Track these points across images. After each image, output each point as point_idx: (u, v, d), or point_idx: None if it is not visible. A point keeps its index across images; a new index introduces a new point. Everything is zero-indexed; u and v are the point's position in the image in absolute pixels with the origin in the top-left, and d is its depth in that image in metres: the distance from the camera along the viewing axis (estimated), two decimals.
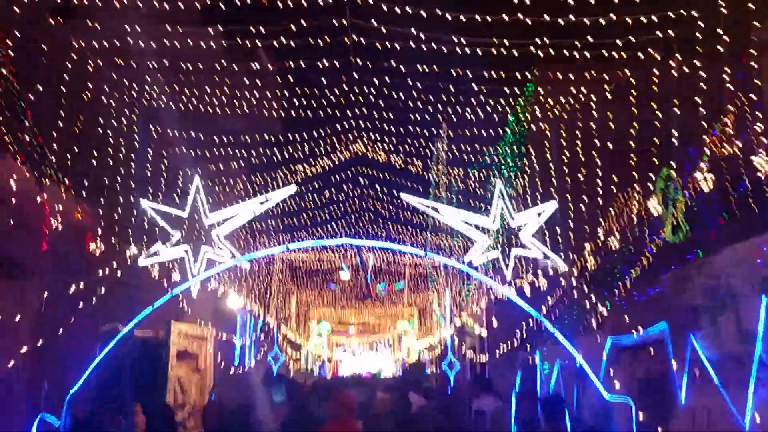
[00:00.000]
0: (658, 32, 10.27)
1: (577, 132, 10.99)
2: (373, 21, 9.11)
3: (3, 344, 8.40)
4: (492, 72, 10.37)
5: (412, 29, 9.72)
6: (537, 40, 9.96)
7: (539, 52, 10.39)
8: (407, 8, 8.73)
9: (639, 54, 10.85)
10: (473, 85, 10.38)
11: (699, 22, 10.01)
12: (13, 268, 8.52)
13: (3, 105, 8.58)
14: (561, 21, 9.05)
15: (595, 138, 11.07)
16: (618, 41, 10.46)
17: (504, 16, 8.70)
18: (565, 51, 10.30)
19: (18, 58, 8.58)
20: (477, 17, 8.73)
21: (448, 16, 8.64)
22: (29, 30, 9.46)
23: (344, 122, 11.40)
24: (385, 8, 8.70)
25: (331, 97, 10.82)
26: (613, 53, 10.71)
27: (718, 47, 9.53)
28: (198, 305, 16.11)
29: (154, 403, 14.03)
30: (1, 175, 8.33)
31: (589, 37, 9.90)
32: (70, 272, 9.32)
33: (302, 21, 9.01)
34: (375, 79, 11.01)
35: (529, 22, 8.95)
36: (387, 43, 9.73)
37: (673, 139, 10.78)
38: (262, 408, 10.17)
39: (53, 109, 9.85)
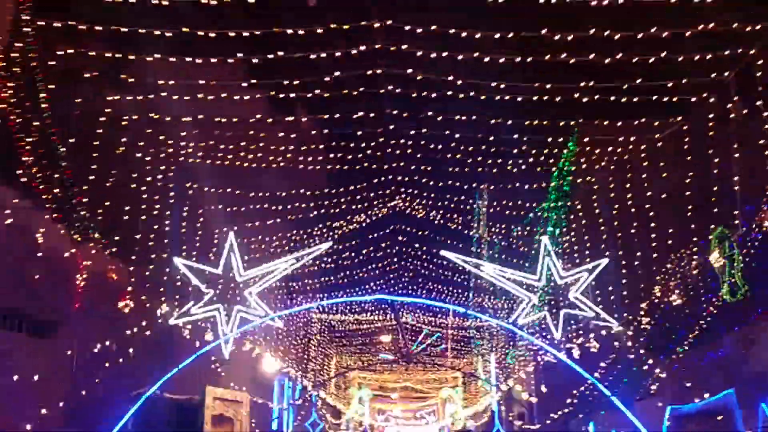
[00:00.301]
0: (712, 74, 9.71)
1: (628, 185, 10.45)
2: (409, 70, 8.91)
3: (32, 403, 8.12)
4: (536, 121, 9.96)
5: (450, 77, 9.42)
6: (582, 84, 9.54)
7: (585, 99, 9.95)
8: (443, 54, 8.43)
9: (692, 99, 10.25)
10: (515, 135, 9.99)
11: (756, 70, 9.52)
12: (45, 325, 8.31)
13: (40, 160, 8.56)
14: (607, 64, 8.55)
15: (646, 192, 10.50)
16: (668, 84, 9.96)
17: (546, 57, 8.29)
18: (612, 97, 9.87)
19: (56, 113, 8.60)
20: (517, 59, 8.34)
21: (487, 59, 8.29)
22: (68, 87, 9.53)
23: (382, 177, 11.11)
24: (420, 53, 8.43)
25: (369, 151, 10.57)
26: (664, 99, 10.18)
27: None
28: (233, 369, 15.70)
29: None
30: (35, 230, 8.21)
31: (638, 80, 9.43)
32: (102, 331, 9.08)
33: (338, 72, 8.86)
34: (413, 132, 10.76)
35: (575, 65, 8.47)
36: (424, 92, 9.47)
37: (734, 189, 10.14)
38: None
39: (89, 166, 9.82)
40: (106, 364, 8.67)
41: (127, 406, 9.48)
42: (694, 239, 10.65)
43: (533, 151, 10.76)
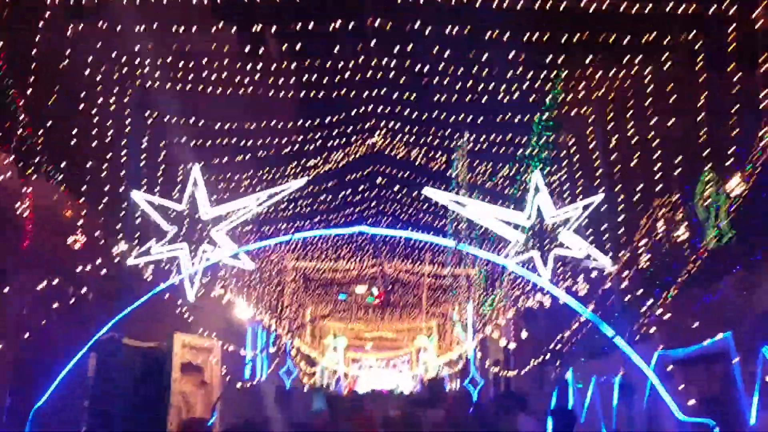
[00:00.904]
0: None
1: (621, 122, 9.81)
2: None
3: None
4: (526, 51, 9.25)
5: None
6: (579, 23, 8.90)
7: (579, 35, 9.29)
8: None
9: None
10: (505, 65, 9.25)
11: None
12: None
13: None
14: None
15: (640, 131, 9.88)
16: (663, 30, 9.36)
17: None
18: (605, 36, 9.24)
19: (5, 44, 7.64)
20: None
21: None
22: (16, 18, 8.60)
23: (360, 109, 10.29)
24: None
25: (347, 82, 9.76)
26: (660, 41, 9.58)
27: None
28: (203, 316, 15.06)
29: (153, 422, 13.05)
30: None
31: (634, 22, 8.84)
32: (53, 273, 8.30)
33: None
34: (394, 62, 9.94)
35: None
36: (406, 19, 8.68)
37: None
38: (274, 426, 9.18)
39: (41, 96, 8.89)
40: (56, 306, 7.91)
41: (87, 353, 8.79)
42: (682, 186, 10.11)
43: (521, 86, 10.03)
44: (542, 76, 9.87)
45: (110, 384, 12.28)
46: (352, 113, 10.42)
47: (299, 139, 10.57)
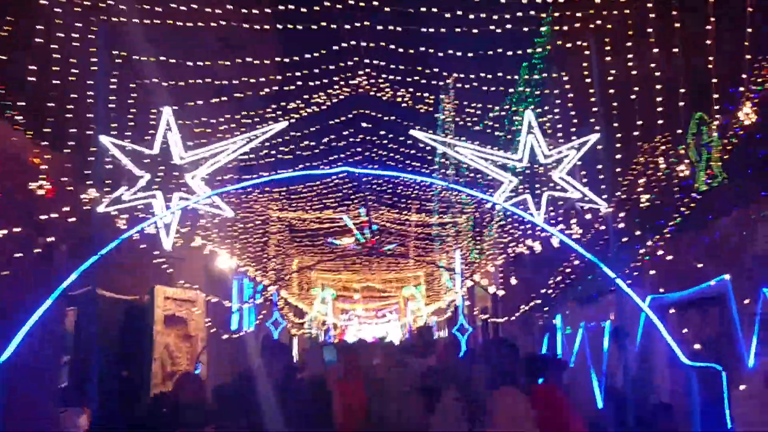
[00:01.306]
0: None
1: (617, 56, 9.31)
2: None
3: None
4: None
5: None
6: None
7: None
8: None
9: None
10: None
11: None
12: None
13: None
14: None
15: (637, 65, 9.38)
16: None
17: None
18: None
19: None
20: None
21: None
22: None
23: (342, 47, 9.68)
24: None
25: (327, 17, 9.14)
26: None
27: None
28: (186, 267, 14.70)
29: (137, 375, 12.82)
30: None
31: None
32: (21, 221, 7.83)
33: None
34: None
35: None
36: None
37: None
38: (261, 378, 8.88)
39: None
40: (21, 256, 7.47)
41: (57, 304, 8.37)
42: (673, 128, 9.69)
43: (512, 19, 9.46)
44: (533, 7, 9.29)
45: (91, 338, 12.03)
46: (334, 51, 9.84)
47: (278, 79, 10.00)
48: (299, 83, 9.91)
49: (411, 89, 10.32)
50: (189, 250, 14.21)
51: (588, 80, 8.78)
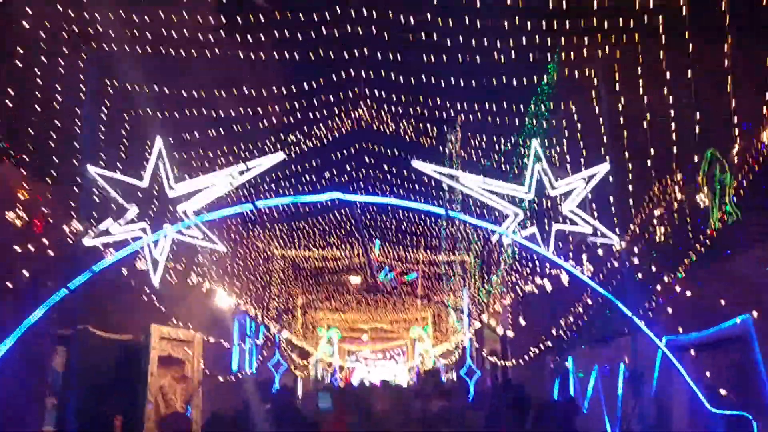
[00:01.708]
0: None
1: (628, 88, 8.97)
2: None
3: None
4: (523, 15, 8.43)
5: None
6: None
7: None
8: None
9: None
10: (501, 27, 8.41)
11: None
12: None
13: None
14: None
15: (650, 95, 9.03)
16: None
17: None
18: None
19: None
20: None
21: None
22: None
23: (344, 77, 9.39)
24: None
25: (329, 47, 8.89)
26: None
27: None
28: (184, 306, 14.24)
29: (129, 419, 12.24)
30: None
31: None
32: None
33: None
34: (380, 29, 9.09)
35: None
36: None
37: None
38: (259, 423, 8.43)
39: None
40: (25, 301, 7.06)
41: (39, 343, 7.97)
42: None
43: (519, 51, 9.18)
44: (541, 40, 9.02)
45: (81, 379, 11.53)
46: (335, 81, 9.57)
47: (277, 110, 9.69)
48: (299, 115, 9.63)
49: (414, 121, 10.00)
50: (187, 289, 13.80)
51: (597, 110, 8.41)
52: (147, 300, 11.83)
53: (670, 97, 8.83)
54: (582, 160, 8.52)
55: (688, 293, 8.47)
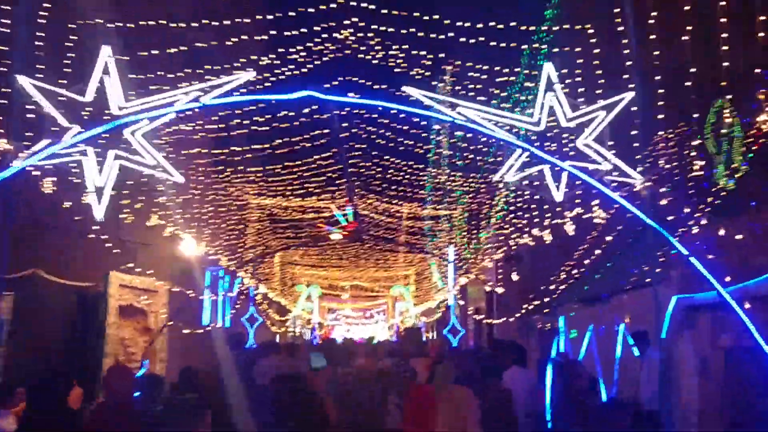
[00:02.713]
0: None
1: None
2: None
3: None
4: None
5: None
6: None
7: None
8: None
9: None
10: None
11: None
12: None
13: None
14: None
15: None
16: None
17: None
18: None
19: None
20: None
21: None
22: None
23: None
24: None
25: None
26: None
27: None
28: (149, 254, 13.15)
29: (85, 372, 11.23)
30: None
31: None
32: None
33: None
34: None
35: None
36: None
37: None
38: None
39: None
40: None
41: None
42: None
43: None
44: None
45: (32, 328, 10.57)
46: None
47: (246, 22, 8.38)
48: (273, 32, 8.37)
49: (405, 47, 8.78)
50: (151, 235, 12.68)
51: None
52: (106, 246, 10.69)
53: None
54: (600, 90, 7.36)
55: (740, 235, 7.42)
